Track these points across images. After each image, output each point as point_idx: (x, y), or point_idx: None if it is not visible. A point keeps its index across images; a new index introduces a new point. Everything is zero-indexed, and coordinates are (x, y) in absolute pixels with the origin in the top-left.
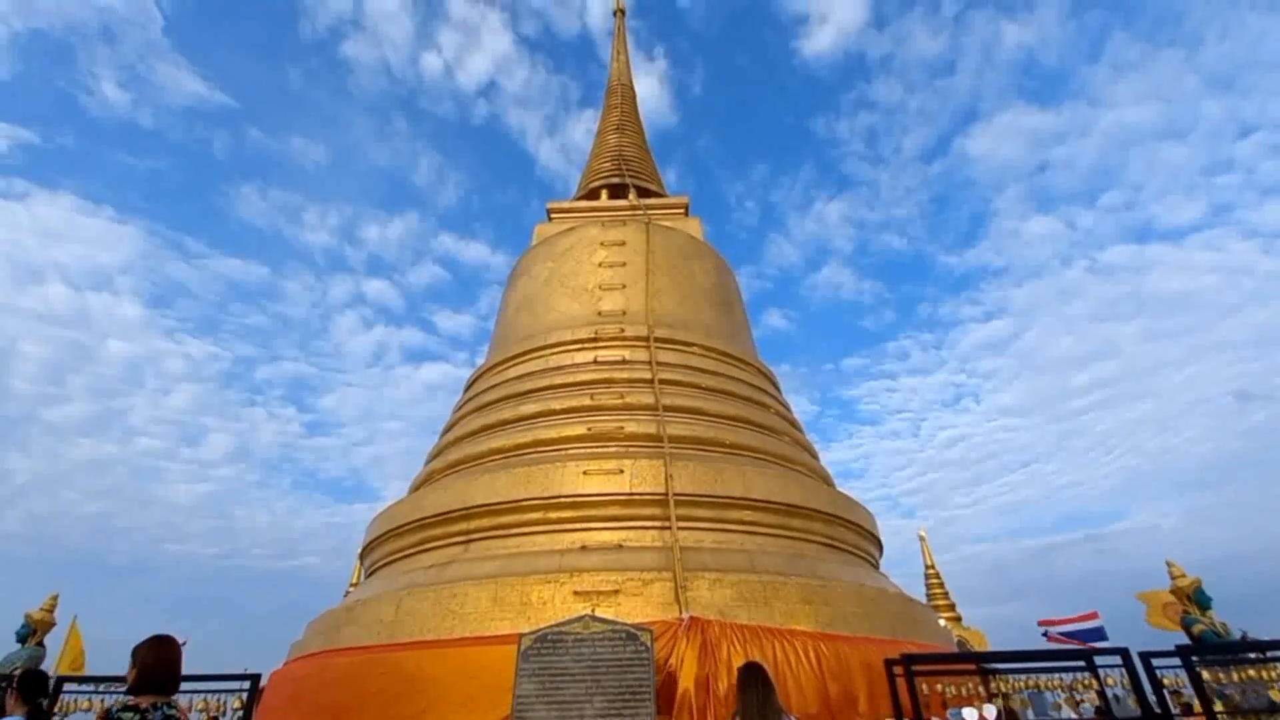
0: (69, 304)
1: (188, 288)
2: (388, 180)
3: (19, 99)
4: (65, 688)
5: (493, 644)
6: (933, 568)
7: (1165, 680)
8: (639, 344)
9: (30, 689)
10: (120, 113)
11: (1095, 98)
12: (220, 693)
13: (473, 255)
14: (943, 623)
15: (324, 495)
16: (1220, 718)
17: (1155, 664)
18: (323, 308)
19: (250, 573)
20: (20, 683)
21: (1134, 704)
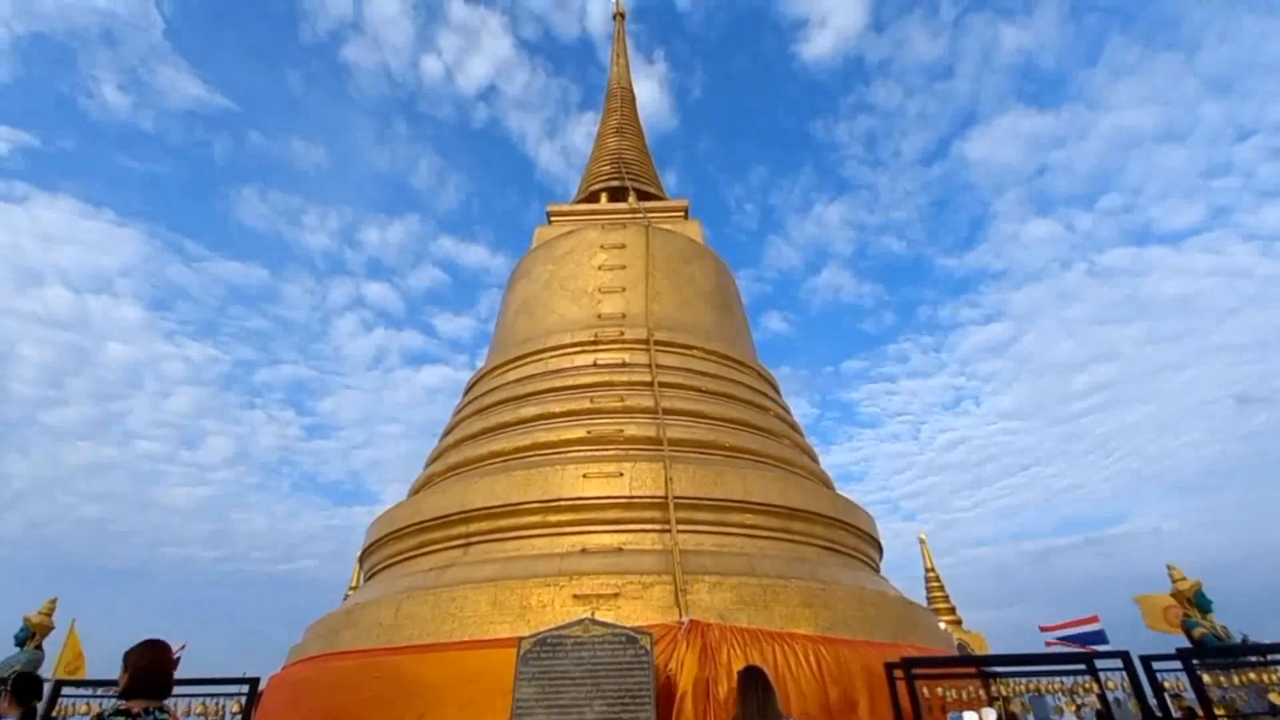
0: (69, 307)
1: (188, 291)
2: (388, 183)
3: (20, 102)
4: (63, 691)
5: (492, 647)
6: (933, 571)
7: (1166, 684)
8: (639, 347)
9: (24, 692)
10: (121, 116)
11: (1094, 101)
12: (219, 696)
13: (472, 258)
14: (943, 626)
15: (323, 498)
16: None
17: (1156, 667)
18: (322, 311)
19: (249, 576)
20: (14, 685)
21: (1135, 707)
